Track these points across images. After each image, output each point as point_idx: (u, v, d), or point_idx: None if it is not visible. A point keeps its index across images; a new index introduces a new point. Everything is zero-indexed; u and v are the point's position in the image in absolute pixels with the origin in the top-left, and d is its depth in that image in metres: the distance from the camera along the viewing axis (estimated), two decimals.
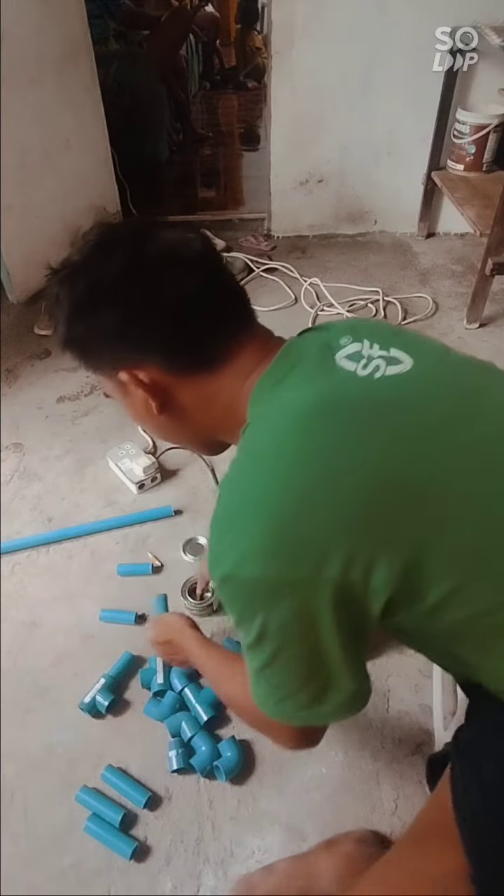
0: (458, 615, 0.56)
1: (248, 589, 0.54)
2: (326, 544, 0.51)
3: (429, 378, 0.61)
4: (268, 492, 0.53)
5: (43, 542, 1.41)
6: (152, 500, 1.50)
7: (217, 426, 0.68)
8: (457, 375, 0.64)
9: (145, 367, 0.62)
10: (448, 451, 0.56)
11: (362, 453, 0.53)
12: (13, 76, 1.94)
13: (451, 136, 2.34)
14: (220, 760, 1.00)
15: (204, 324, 0.61)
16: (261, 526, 0.52)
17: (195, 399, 0.65)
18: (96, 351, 0.64)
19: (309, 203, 2.61)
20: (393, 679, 1.14)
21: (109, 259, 0.60)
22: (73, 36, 2.14)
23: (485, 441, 0.58)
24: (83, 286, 0.61)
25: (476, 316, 2.07)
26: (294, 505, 0.52)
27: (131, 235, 0.63)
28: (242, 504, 0.55)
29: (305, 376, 0.60)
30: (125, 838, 0.94)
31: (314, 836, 0.95)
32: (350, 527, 0.52)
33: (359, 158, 2.48)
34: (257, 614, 0.54)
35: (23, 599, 1.30)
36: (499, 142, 2.29)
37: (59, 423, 1.76)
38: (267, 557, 0.52)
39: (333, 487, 0.52)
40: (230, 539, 0.54)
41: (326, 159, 2.49)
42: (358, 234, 2.70)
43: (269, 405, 0.59)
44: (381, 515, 0.52)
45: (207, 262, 0.63)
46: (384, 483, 0.53)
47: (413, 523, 0.53)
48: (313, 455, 0.53)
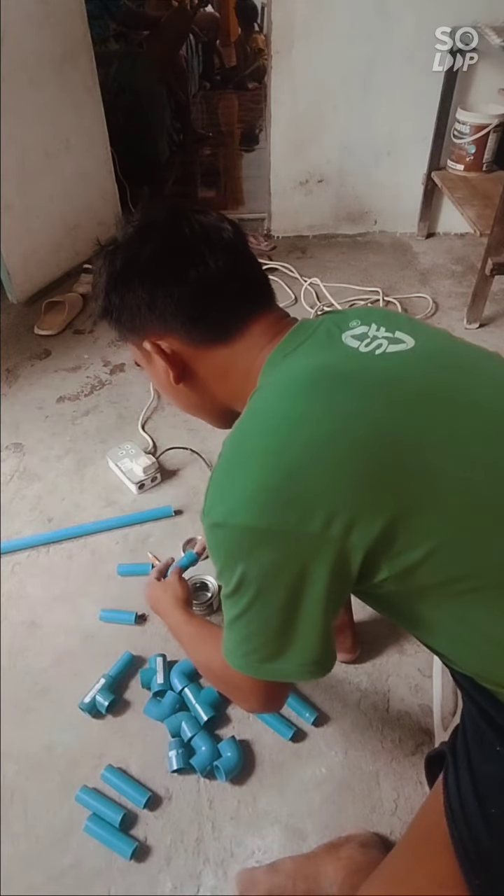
0: (431, 580, 0.57)
1: (235, 536, 0.55)
2: (314, 499, 0.53)
3: (427, 355, 0.64)
4: (265, 448, 0.56)
5: (43, 542, 1.41)
6: (152, 500, 1.50)
7: (231, 397, 0.71)
8: (456, 356, 0.66)
9: (168, 338, 0.68)
10: (438, 419, 0.57)
11: (353, 417, 0.56)
12: (13, 76, 1.94)
13: (451, 136, 2.34)
14: (220, 760, 1.00)
15: (224, 302, 0.67)
16: (255, 478, 0.55)
17: (211, 370, 0.70)
18: (128, 321, 0.70)
19: (309, 203, 2.61)
20: (393, 679, 1.14)
21: (147, 238, 0.67)
22: (73, 36, 2.14)
23: (478, 409, 0.59)
24: (121, 262, 0.68)
25: (476, 316, 2.07)
26: (288, 460, 0.54)
27: (170, 217, 0.69)
28: (240, 457, 0.58)
29: (311, 350, 0.64)
30: (125, 838, 0.94)
31: (314, 836, 0.95)
32: (337, 484, 0.53)
33: (359, 158, 2.49)
34: (239, 562, 0.56)
35: (23, 599, 1.30)
36: (499, 142, 2.29)
37: (59, 423, 1.76)
38: (257, 507, 0.54)
39: (324, 447, 0.54)
40: (226, 489, 0.57)
41: (326, 159, 2.49)
42: (358, 234, 2.70)
43: (275, 374, 0.63)
44: (367, 476, 0.54)
45: (235, 246, 0.68)
46: (372, 446, 0.54)
47: (397, 485, 0.54)
48: (307, 417, 0.56)
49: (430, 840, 0.63)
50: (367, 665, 1.16)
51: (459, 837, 0.59)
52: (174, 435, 1.68)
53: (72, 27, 2.13)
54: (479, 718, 0.63)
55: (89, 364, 2.00)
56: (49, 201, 2.23)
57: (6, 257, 2.12)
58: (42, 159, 2.15)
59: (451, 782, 0.63)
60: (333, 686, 1.13)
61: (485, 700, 0.62)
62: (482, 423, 0.58)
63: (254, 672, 0.62)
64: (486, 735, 0.62)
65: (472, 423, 0.58)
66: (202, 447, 1.62)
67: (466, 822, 0.59)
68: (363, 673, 1.15)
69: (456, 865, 0.58)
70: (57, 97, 2.14)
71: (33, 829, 0.97)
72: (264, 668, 0.60)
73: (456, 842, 0.59)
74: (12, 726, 1.09)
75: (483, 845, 0.58)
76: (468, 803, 0.60)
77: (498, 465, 0.56)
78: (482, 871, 0.58)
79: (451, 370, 0.63)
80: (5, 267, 2.15)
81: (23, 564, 1.37)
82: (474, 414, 0.59)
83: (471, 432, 0.57)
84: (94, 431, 1.73)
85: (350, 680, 1.14)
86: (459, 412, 0.59)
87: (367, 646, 1.17)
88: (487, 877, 0.57)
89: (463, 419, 0.58)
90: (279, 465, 0.54)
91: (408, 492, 0.54)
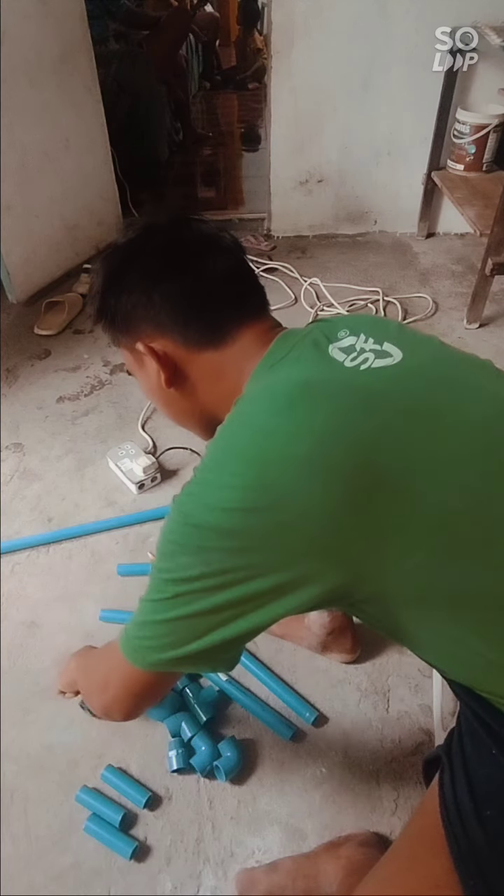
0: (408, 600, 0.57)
1: (199, 530, 0.55)
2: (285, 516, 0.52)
3: (413, 370, 0.63)
4: (242, 455, 0.56)
5: (43, 542, 1.41)
6: (152, 500, 1.50)
7: (220, 404, 0.70)
8: (444, 369, 0.66)
9: (161, 339, 0.69)
10: (420, 439, 0.57)
11: (331, 437, 0.55)
12: (13, 76, 1.94)
13: (451, 136, 2.34)
14: (220, 760, 1.00)
15: (219, 305, 0.68)
16: (231, 482, 0.55)
17: (202, 375, 0.70)
18: (122, 322, 0.70)
19: (309, 203, 2.61)
20: (393, 679, 1.14)
21: (147, 243, 0.69)
22: (73, 36, 2.14)
23: (462, 427, 0.59)
24: (119, 261, 0.69)
25: (476, 316, 2.07)
26: (264, 472, 0.54)
27: (171, 221, 0.71)
28: (219, 460, 0.58)
29: (296, 362, 0.64)
30: (125, 838, 0.94)
31: (314, 836, 0.95)
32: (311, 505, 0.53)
33: (359, 158, 2.49)
34: (193, 555, 0.55)
35: (23, 599, 1.30)
36: (499, 142, 2.29)
37: (59, 423, 1.76)
38: (228, 510, 0.54)
39: (301, 466, 0.53)
40: (203, 485, 0.57)
41: (326, 159, 2.49)
42: (358, 234, 2.70)
43: (259, 384, 0.64)
44: (343, 500, 0.53)
45: (233, 253, 0.70)
46: (349, 469, 0.53)
47: (374, 509, 0.53)
48: (287, 432, 0.56)
49: (426, 841, 0.63)
50: (367, 665, 1.16)
51: (455, 839, 0.59)
52: (174, 435, 1.68)
53: (71, 27, 2.13)
54: (475, 722, 0.63)
55: (89, 364, 2.00)
56: (49, 201, 2.23)
57: (6, 257, 2.12)
58: (42, 159, 2.15)
59: (446, 784, 0.63)
60: (333, 686, 1.13)
61: (480, 706, 0.62)
62: (465, 444, 0.58)
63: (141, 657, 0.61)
64: (482, 738, 0.62)
65: (454, 444, 0.57)
66: (202, 447, 1.61)
67: (462, 824, 0.59)
68: (363, 673, 1.15)
69: (451, 866, 0.58)
70: (57, 97, 2.14)
71: (33, 829, 0.97)
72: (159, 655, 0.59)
73: (451, 843, 0.59)
74: (12, 726, 1.09)
75: (478, 846, 0.58)
76: (464, 805, 0.60)
77: (475, 486, 0.56)
78: (477, 872, 0.58)
79: (437, 385, 0.62)
80: (5, 267, 2.15)
81: (23, 564, 1.37)
82: (457, 433, 0.58)
83: (452, 453, 0.57)
84: (94, 431, 1.73)
85: (350, 680, 1.14)
86: (442, 432, 0.58)
87: (367, 646, 1.17)
88: (482, 877, 0.57)
89: (445, 439, 0.57)
90: (255, 475, 0.54)
91: (385, 515, 0.53)
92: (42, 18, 2.00)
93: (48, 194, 2.22)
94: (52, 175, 2.21)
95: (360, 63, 2.27)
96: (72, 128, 2.23)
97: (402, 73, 2.28)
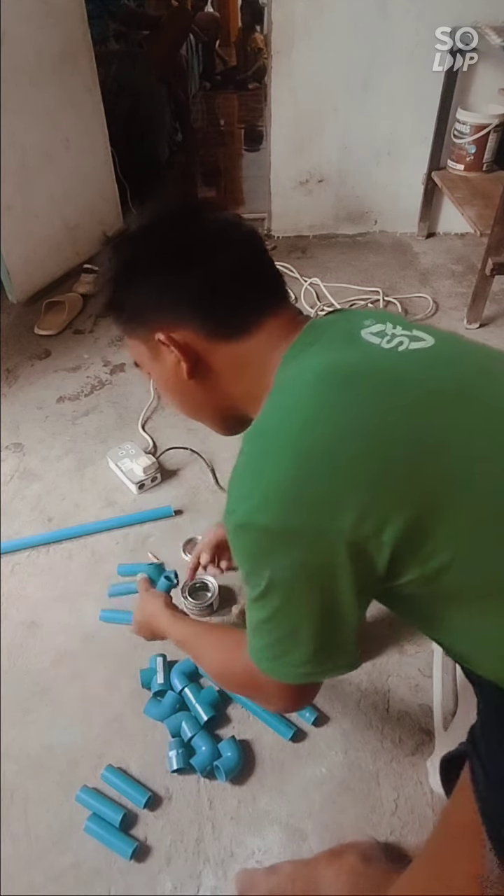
0: (458, 583, 0.56)
1: (260, 538, 0.54)
2: (342, 497, 0.52)
3: (448, 355, 0.63)
4: (289, 444, 0.54)
5: (43, 542, 1.41)
6: (152, 500, 1.50)
7: (243, 396, 0.69)
8: (474, 357, 0.66)
9: (181, 330, 0.66)
10: (466, 418, 0.56)
11: (380, 415, 0.54)
12: (13, 76, 1.94)
13: (451, 136, 2.34)
14: (220, 760, 1.00)
15: (242, 293, 0.65)
16: (279, 475, 0.53)
17: (226, 365, 0.67)
18: (137, 312, 0.68)
19: (309, 203, 2.61)
20: (393, 679, 1.14)
21: (164, 229, 0.66)
22: (73, 36, 2.14)
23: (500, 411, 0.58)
24: (136, 248, 0.66)
25: (476, 316, 2.07)
26: (314, 457, 0.53)
27: (190, 208, 0.68)
28: (263, 454, 0.56)
29: (331, 345, 0.62)
30: (125, 838, 0.94)
31: (314, 836, 0.95)
32: (365, 482, 0.52)
33: (359, 158, 2.49)
34: (266, 565, 0.54)
35: (23, 599, 1.30)
36: (499, 142, 2.29)
37: (59, 423, 1.76)
38: (283, 506, 0.52)
39: (351, 444, 0.53)
40: (249, 487, 0.55)
41: (326, 159, 2.49)
42: (358, 234, 2.70)
43: (295, 368, 0.61)
44: (395, 474, 0.53)
45: (253, 241, 0.68)
46: (399, 444, 0.53)
47: (425, 485, 0.53)
48: (333, 413, 0.55)
49: (465, 836, 0.62)
50: (367, 665, 1.16)
51: (497, 835, 0.59)
52: (174, 435, 1.68)
53: (72, 27, 2.13)
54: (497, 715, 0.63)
55: (89, 364, 2.00)
56: (49, 201, 2.23)
57: (6, 257, 2.12)
58: (42, 159, 2.15)
59: (480, 781, 0.62)
60: (333, 686, 1.13)
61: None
62: None
63: (283, 676, 0.61)
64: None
65: (498, 425, 0.57)
66: (202, 447, 1.62)
67: (502, 815, 0.59)
68: (363, 673, 1.15)
69: (496, 862, 0.58)
70: (57, 97, 2.14)
71: (33, 829, 0.97)
72: (295, 671, 0.60)
73: (494, 839, 0.59)
74: (12, 726, 1.09)
75: None
76: (502, 800, 0.60)
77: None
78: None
79: (473, 370, 0.62)
80: (5, 267, 2.15)
81: (23, 564, 1.37)
82: (499, 416, 0.58)
83: (497, 433, 0.56)
84: (94, 431, 1.73)
85: (350, 680, 1.14)
86: (487, 413, 0.58)
87: (367, 646, 1.17)
88: None
89: (490, 420, 0.57)
90: (305, 462, 0.53)
91: (435, 491, 0.53)
92: (42, 18, 2.00)
93: (48, 194, 2.22)
94: (52, 175, 2.21)
95: (360, 63, 2.27)
96: (72, 128, 2.23)
97: (402, 73, 2.28)
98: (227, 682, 0.80)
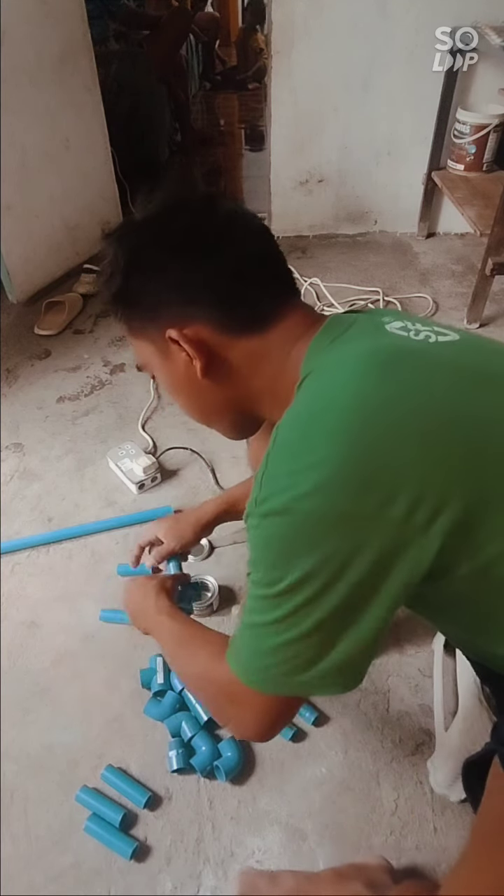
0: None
1: (303, 524, 0.50)
2: (397, 481, 0.49)
3: (477, 346, 0.63)
4: (340, 426, 0.51)
5: (43, 542, 1.41)
6: (152, 500, 1.50)
7: (260, 392, 0.66)
8: (501, 347, 0.66)
9: (194, 325, 0.62)
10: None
11: (430, 396, 0.53)
12: (13, 76, 1.94)
13: (451, 136, 2.34)
14: (220, 760, 1.00)
15: (260, 286, 0.63)
16: (329, 458, 0.50)
17: (243, 360, 0.64)
18: (148, 307, 0.64)
19: (309, 203, 2.61)
20: (393, 679, 1.14)
21: (174, 220, 0.63)
22: (73, 36, 2.14)
23: None
24: (147, 239, 0.62)
25: (476, 316, 2.07)
26: (368, 438, 0.50)
27: (203, 196, 0.65)
28: (309, 438, 0.52)
29: (363, 334, 0.60)
30: (125, 838, 0.94)
31: (314, 836, 0.95)
32: (422, 464, 0.50)
33: (359, 158, 2.49)
34: (302, 554, 0.50)
35: (23, 599, 1.30)
36: (499, 142, 2.29)
37: (59, 423, 1.76)
38: (333, 490, 0.49)
39: (407, 423, 0.51)
40: (292, 474, 0.51)
41: (326, 159, 2.49)
42: (358, 234, 2.70)
43: (329, 357, 0.58)
44: (451, 456, 0.51)
45: (267, 233, 0.67)
46: (452, 425, 0.52)
47: (479, 468, 0.51)
48: (385, 393, 0.52)
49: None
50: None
51: None
52: (174, 435, 1.68)
53: (72, 27, 2.13)
54: None
55: (89, 364, 2.00)
56: (49, 201, 2.23)
57: (6, 257, 2.12)
58: (42, 159, 2.15)
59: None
60: None
61: None
62: None
63: (274, 686, 0.56)
64: None
65: None
66: (202, 447, 1.62)
67: None
68: None
69: None
70: (57, 97, 2.14)
71: (33, 829, 0.97)
72: (292, 679, 0.54)
73: None
74: (12, 726, 1.09)
75: None
76: None
77: None
78: None
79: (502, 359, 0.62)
80: (5, 267, 2.15)
81: (23, 564, 1.37)
82: None
83: None
84: (94, 431, 1.73)
85: None
86: None
87: None
88: None
89: None
90: (358, 443, 0.50)
91: (487, 476, 0.51)
92: (42, 18, 1.99)
93: (48, 194, 2.22)
94: (52, 175, 2.21)
95: (360, 63, 2.27)
96: (72, 128, 2.23)
97: (402, 73, 2.28)
98: (202, 686, 0.72)
